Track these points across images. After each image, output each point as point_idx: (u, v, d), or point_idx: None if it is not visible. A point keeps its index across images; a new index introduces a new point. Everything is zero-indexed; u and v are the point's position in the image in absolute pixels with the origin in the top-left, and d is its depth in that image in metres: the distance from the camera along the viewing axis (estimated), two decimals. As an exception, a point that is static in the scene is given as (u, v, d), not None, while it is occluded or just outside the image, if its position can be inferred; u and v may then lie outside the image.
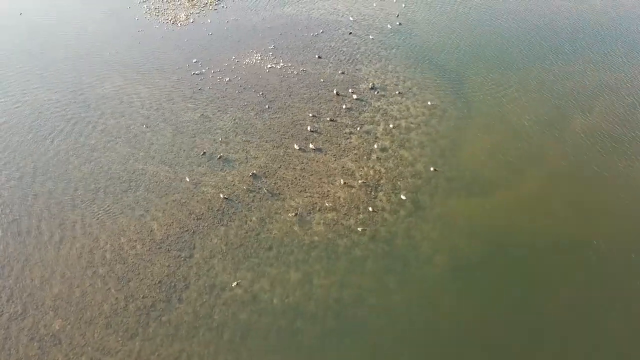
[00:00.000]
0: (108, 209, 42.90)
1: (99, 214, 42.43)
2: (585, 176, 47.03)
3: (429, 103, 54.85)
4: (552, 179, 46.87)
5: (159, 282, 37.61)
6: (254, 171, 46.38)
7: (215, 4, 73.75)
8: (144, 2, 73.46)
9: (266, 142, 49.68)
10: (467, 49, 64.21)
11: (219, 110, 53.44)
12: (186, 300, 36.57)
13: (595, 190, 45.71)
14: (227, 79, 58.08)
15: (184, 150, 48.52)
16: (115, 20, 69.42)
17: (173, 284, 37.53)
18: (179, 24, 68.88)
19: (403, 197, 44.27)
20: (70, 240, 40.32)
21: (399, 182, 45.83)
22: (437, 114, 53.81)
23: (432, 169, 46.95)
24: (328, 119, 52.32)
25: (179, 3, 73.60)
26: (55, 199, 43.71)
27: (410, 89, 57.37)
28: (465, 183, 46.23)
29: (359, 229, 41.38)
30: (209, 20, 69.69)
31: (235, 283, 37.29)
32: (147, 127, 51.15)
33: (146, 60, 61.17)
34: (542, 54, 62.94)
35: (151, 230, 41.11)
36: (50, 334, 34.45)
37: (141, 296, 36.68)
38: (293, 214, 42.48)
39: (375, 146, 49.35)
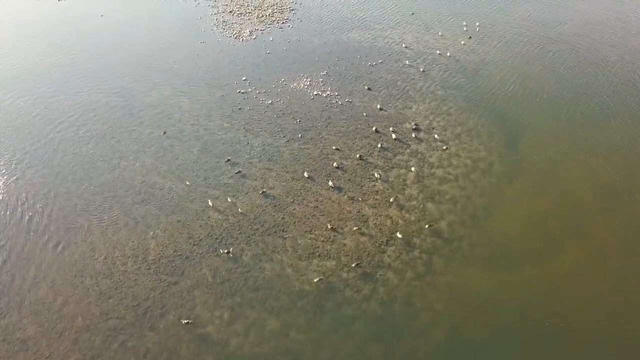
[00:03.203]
0: (115, 219, 43.22)
1: (105, 223, 42.86)
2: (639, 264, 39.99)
3: (475, 154, 50.04)
4: (596, 260, 40.30)
5: (137, 304, 36.85)
6: (265, 203, 44.64)
7: (282, 23, 73.54)
8: (214, 14, 75.08)
9: (287, 172, 47.75)
10: (533, 97, 57.99)
11: (251, 133, 52.46)
12: (157, 329, 35.41)
13: (646, 286, 38.63)
14: (269, 102, 57.05)
15: (205, 170, 47.95)
16: (183, 30, 71.49)
17: (150, 309, 36.59)
18: (241, 39, 69.33)
19: (415, 255, 40.33)
20: (70, 246, 41.00)
21: (415, 239, 41.75)
22: (481, 167, 48.76)
23: (426, 226, 42.45)
24: (357, 156, 49.32)
25: (247, 18, 74.31)
26: (72, 201, 44.89)
27: (458, 135, 52.69)
28: (491, 252, 41.08)
29: (315, 280, 38.14)
30: (271, 39, 69.46)
31: (185, 321, 35.59)
32: (177, 140, 51.39)
33: (198, 73, 61.99)
34: (617, 112, 55.16)
35: (147, 249, 40.67)
36: (21, 338, 34.87)
37: (116, 316, 36.13)
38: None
39: (400, 194, 45.57)
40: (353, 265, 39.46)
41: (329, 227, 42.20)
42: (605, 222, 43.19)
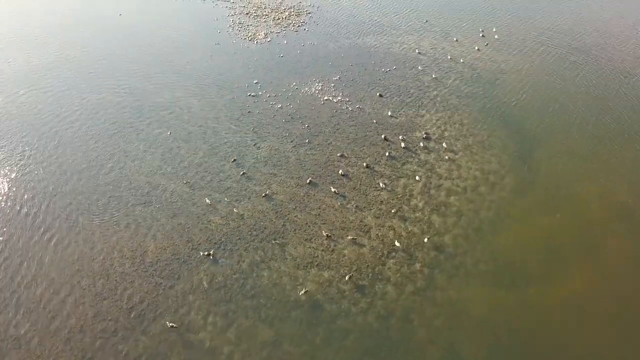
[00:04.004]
0: (116, 219, 43.19)
1: (106, 223, 42.86)
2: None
3: (485, 166, 48.68)
4: (606, 282, 38.60)
5: (132, 307, 36.63)
6: (267, 208, 44.10)
7: (298, 26, 73.09)
8: (231, 15, 75.09)
9: (292, 178, 47.15)
10: (550, 109, 56.29)
11: (258, 137, 52.02)
12: (149, 334, 35.08)
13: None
14: (279, 106, 56.58)
15: (209, 173, 47.66)
16: (199, 31, 71.68)
17: (143, 313, 36.32)
18: (255, 42, 69.11)
19: (416, 270, 39.26)
20: (70, 244, 41.04)
21: (417, 253, 40.67)
22: (491, 180, 47.40)
23: (425, 239, 41.27)
24: (364, 164, 48.45)
25: (263, 21, 74.10)
26: (76, 200, 45.02)
27: (470, 146, 51.37)
28: (495, 269, 39.74)
29: (301, 293, 37.26)
30: (285, 42, 69.06)
31: (170, 324, 35.22)
32: (184, 141, 51.27)
33: (210, 75, 61.92)
34: (633, 127, 53.10)
35: (145, 251, 40.48)
36: (14, 336, 34.94)
37: (109, 318, 35.95)
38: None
39: (405, 205, 44.55)
40: (351, 276, 38.57)
41: (324, 234, 41.51)
42: (618, 244, 41.41)
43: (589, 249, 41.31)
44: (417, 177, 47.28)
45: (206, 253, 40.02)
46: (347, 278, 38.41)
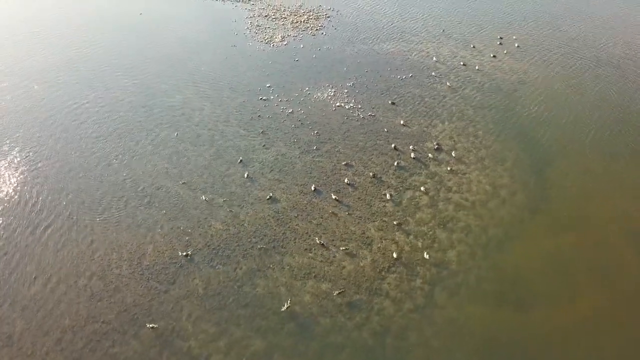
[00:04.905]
0: (118, 220, 43.09)
1: (108, 224, 42.80)
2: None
3: (497, 181, 47.11)
4: (619, 308, 36.77)
5: (125, 310, 36.39)
6: (269, 215, 43.46)
7: (316, 30, 72.41)
8: (249, 17, 74.89)
9: (296, 185, 46.42)
10: (568, 125, 54.34)
11: (267, 142, 51.45)
12: (141, 338, 34.75)
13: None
14: (290, 111, 55.94)
15: (214, 177, 47.29)
16: (215, 32, 71.64)
17: (137, 316, 36.04)
18: (272, 45, 68.70)
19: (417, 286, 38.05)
20: (71, 244, 41.08)
21: (419, 268, 39.46)
22: (501, 195, 45.83)
23: (426, 254, 39.90)
24: (371, 174, 47.42)
25: (281, 23, 73.66)
26: (81, 199, 45.13)
27: (482, 159, 49.86)
28: (500, 288, 38.29)
29: (283, 308, 36.30)
30: (302, 46, 68.43)
31: (150, 325, 34.96)
32: (192, 144, 51.05)
33: (224, 77, 61.69)
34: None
35: (143, 254, 40.25)
36: (8, 333, 35.00)
37: (102, 320, 35.76)
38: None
39: (410, 218, 43.35)
40: (346, 290, 37.54)
41: (318, 242, 40.80)
42: (631, 268, 39.48)
43: (599, 271, 39.51)
44: (424, 189, 46.03)
45: (184, 254, 39.67)
46: (344, 291, 37.43)
